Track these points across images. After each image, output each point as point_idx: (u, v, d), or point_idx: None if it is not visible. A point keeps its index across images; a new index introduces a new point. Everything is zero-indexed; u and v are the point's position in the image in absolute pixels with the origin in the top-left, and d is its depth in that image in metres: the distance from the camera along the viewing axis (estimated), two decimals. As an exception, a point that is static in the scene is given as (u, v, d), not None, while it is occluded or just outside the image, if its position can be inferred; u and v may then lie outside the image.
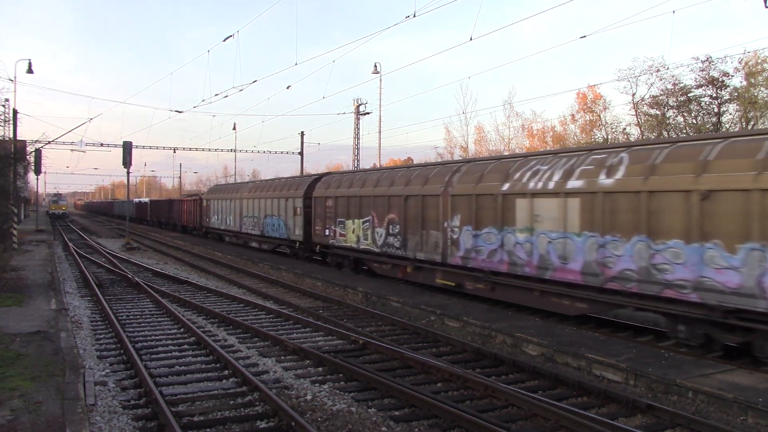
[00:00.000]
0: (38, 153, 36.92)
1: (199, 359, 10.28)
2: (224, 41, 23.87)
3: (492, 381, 8.68)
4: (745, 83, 34.59)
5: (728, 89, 34.70)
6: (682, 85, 35.74)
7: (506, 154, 27.56)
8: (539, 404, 7.64)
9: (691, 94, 35.66)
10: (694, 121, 36.28)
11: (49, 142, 34.94)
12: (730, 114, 35.63)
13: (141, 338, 11.75)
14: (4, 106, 30.41)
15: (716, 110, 35.41)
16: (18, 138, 30.84)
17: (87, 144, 48.04)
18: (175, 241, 37.30)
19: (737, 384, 8.23)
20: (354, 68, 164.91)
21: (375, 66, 40.56)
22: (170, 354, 10.63)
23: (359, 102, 49.71)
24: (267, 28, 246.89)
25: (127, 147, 33.31)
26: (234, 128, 54.60)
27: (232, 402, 8.05)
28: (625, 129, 41.14)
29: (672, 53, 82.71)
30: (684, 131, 35.83)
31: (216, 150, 57.54)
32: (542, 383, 9.03)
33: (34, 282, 17.47)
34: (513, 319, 12.61)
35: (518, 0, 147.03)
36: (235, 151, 58.03)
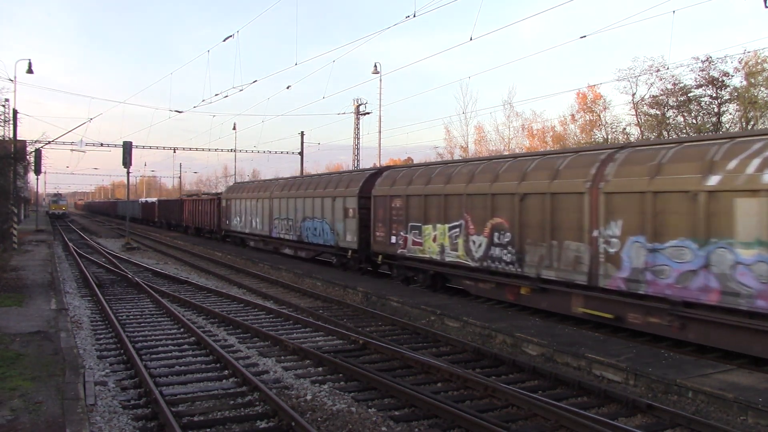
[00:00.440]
0: (38, 153, 36.95)
1: (199, 359, 10.29)
2: (224, 41, 23.90)
3: (492, 381, 8.69)
4: (745, 83, 34.62)
5: (728, 89, 34.76)
6: (682, 85, 35.78)
7: (703, 135, 19.49)
8: (539, 404, 7.64)
9: (691, 94, 35.68)
10: (694, 121, 36.29)
11: (49, 142, 34.99)
12: (730, 114, 35.71)
13: (141, 338, 11.75)
14: (4, 106, 30.50)
15: (716, 110, 35.43)
16: (18, 138, 30.87)
17: (87, 144, 48.11)
18: (176, 242, 37.30)
19: (737, 384, 8.23)
20: (354, 68, 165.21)
21: (375, 66, 40.60)
22: (170, 354, 10.63)
23: (359, 102, 49.80)
24: (267, 28, 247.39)
25: (127, 147, 33.34)
26: (234, 128, 54.73)
27: (232, 402, 8.06)
28: (625, 129, 41.20)
29: (672, 53, 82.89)
30: (684, 131, 35.84)
31: (216, 150, 57.78)
32: (542, 383, 9.03)
33: (34, 282, 17.47)
34: (513, 319, 12.60)
35: (518, 0, 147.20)
36: (235, 151, 58.10)
